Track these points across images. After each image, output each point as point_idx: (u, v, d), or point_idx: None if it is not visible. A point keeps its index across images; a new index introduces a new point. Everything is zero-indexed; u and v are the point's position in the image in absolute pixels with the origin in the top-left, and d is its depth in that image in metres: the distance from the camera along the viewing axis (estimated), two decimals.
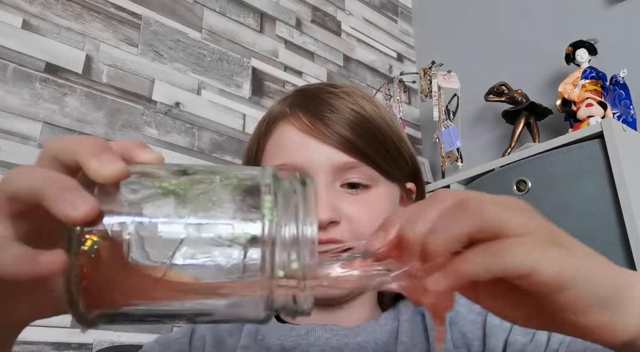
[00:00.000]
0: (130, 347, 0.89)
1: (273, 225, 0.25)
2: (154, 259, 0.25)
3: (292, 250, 0.25)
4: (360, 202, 0.52)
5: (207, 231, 0.25)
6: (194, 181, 0.27)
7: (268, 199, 0.26)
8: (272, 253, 0.25)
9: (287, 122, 0.54)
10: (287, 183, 0.27)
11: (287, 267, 0.25)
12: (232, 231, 0.25)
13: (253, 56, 1.56)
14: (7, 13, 1.15)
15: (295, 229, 0.25)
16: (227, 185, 0.27)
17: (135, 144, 0.28)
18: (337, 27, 1.85)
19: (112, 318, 0.27)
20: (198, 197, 0.26)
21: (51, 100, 1.16)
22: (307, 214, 0.26)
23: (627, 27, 1.43)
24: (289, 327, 0.54)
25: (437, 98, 1.63)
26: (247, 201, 0.26)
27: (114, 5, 1.32)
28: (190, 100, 1.39)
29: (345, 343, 0.51)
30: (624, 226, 1.02)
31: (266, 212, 0.25)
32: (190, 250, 0.25)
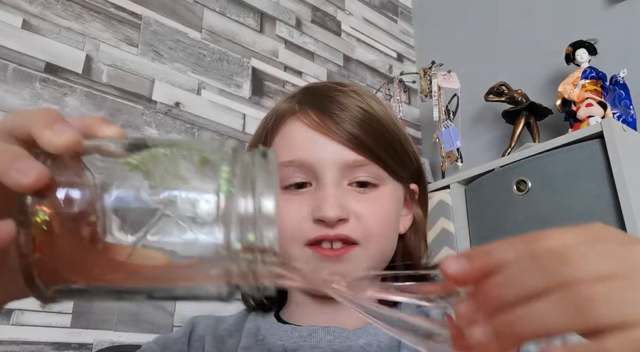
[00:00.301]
0: (130, 347, 0.89)
1: (229, 196, 0.24)
2: (110, 234, 0.25)
3: (249, 222, 0.24)
4: (368, 200, 0.52)
5: (165, 204, 0.25)
6: (152, 154, 0.26)
7: (225, 170, 0.25)
8: (228, 225, 0.24)
9: (295, 119, 0.53)
10: (248, 155, 0.27)
11: (244, 240, 0.24)
12: (188, 203, 0.25)
13: (253, 56, 1.56)
14: (7, 13, 1.15)
15: (252, 201, 0.25)
16: (186, 157, 0.26)
17: (97, 119, 0.28)
18: (337, 27, 1.85)
19: (70, 294, 0.26)
20: (155, 170, 0.25)
21: (51, 100, 1.16)
22: (266, 185, 0.25)
23: (627, 27, 1.43)
24: (290, 328, 0.54)
25: (437, 98, 1.63)
26: (205, 173, 0.25)
27: (114, 5, 1.32)
28: (190, 100, 1.39)
29: (348, 346, 0.50)
30: (624, 226, 1.02)
31: (222, 183, 0.25)
32: (147, 224, 0.25)
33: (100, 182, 0.25)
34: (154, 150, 0.26)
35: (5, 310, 0.99)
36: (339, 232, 0.49)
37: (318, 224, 0.50)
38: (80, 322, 1.06)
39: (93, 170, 0.26)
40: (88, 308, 1.08)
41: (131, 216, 0.25)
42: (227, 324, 0.58)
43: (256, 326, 0.56)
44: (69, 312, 1.06)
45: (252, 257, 0.25)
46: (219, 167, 0.25)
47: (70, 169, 0.25)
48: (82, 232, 0.24)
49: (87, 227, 0.24)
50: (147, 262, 0.25)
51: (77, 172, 0.25)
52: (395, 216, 0.55)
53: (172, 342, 0.56)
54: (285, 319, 0.57)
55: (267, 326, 0.55)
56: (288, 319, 0.56)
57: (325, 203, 0.49)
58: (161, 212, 0.25)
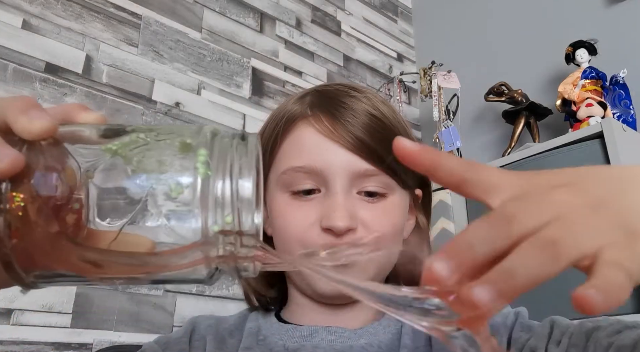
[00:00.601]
0: (130, 347, 0.89)
1: (206, 179, 0.24)
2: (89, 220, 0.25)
3: (227, 204, 0.24)
4: (376, 209, 0.52)
5: (144, 189, 0.25)
6: (131, 140, 0.26)
7: (202, 153, 0.25)
8: (205, 208, 0.24)
9: (307, 124, 0.53)
10: (227, 138, 0.26)
11: (222, 222, 0.24)
12: (167, 187, 0.24)
13: (253, 56, 1.56)
14: (7, 13, 1.15)
15: (229, 183, 0.24)
16: (164, 141, 0.26)
17: (76, 106, 0.28)
18: (337, 27, 1.85)
19: (50, 280, 0.26)
20: (134, 155, 0.25)
21: (51, 100, 1.16)
22: (244, 167, 0.25)
23: (627, 27, 1.43)
24: (291, 328, 0.54)
25: (437, 98, 1.63)
26: (183, 157, 0.25)
27: (114, 5, 1.32)
28: (190, 100, 1.39)
29: (349, 346, 0.50)
30: None
31: (199, 166, 0.25)
32: (127, 210, 0.24)
33: (79, 168, 0.25)
34: (133, 135, 0.26)
35: (5, 310, 0.99)
36: (346, 242, 0.49)
37: (326, 232, 0.49)
38: (80, 322, 1.06)
39: (71, 156, 0.26)
40: (88, 308, 1.08)
41: (110, 202, 0.25)
42: (228, 324, 0.58)
43: (257, 325, 0.56)
44: (69, 312, 1.06)
45: (230, 240, 0.24)
46: (197, 151, 0.25)
47: (47, 155, 0.25)
48: (60, 218, 0.24)
49: (65, 213, 0.24)
50: (127, 248, 0.25)
51: (55, 158, 0.25)
52: (402, 224, 0.56)
53: (173, 342, 0.56)
54: (286, 319, 0.57)
55: (268, 326, 0.55)
56: (289, 319, 0.56)
57: (334, 212, 0.49)
58: (141, 197, 0.24)
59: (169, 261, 0.25)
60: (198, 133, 0.26)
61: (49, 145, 0.25)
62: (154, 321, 1.15)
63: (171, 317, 1.18)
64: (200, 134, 0.26)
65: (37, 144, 0.25)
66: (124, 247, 0.25)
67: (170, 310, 1.18)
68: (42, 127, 0.25)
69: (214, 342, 0.55)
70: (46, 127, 0.25)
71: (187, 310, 1.20)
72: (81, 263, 0.25)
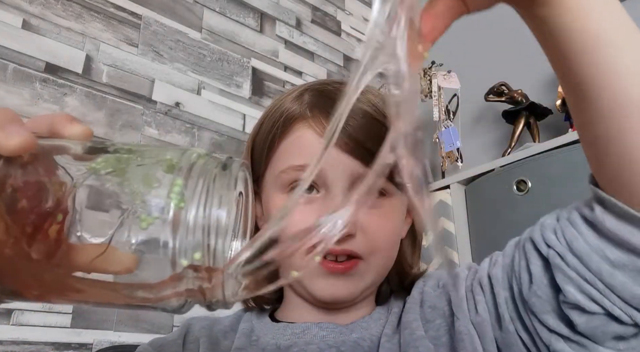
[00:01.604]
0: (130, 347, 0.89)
1: (178, 212, 0.23)
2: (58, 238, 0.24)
3: (197, 238, 0.23)
4: (376, 214, 0.51)
5: (114, 216, 0.24)
6: (109, 161, 0.25)
7: (178, 183, 0.24)
8: (174, 241, 0.23)
9: (307, 125, 0.52)
10: (210, 166, 0.25)
11: (190, 257, 0.23)
12: (139, 216, 0.24)
13: (253, 56, 1.57)
14: (7, 13, 1.15)
15: (202, 217, 0.23)
16: (142, 166, 0.25)
17: (63, 117, 0.28)
18: (337, 27, 1.85)
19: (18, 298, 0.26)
20: (109, 180, 0.25)
21: (51, 100, 1.16)
22: (221, 202, 0.24)
23: None
24: (283, 326, 0.54)
25: (437, 98, 1.63)
26: (159, 184, 0.24)
27: (114, 5, 1.32)
28: (190, 100, 1.39)
29: (342, 340, 0.51)
30: None
31: (172, 197, 0.24)
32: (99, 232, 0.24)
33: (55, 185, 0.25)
34: (116, 156, 0.26)
35: (5, 310, 0.99)
36: (345, 247, 0.49)
37: None
38: (80, 322, 1.06)
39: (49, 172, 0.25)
40: (88, 308, 1.08)
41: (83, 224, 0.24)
42: (222, 325, 0.58)
43: (250, 326, 0.56)
44: (69, 312, 1.06)
45: (199, 275, 0.24)
46: (173, 180, 0.24)
47: (24, 171, 0.24)
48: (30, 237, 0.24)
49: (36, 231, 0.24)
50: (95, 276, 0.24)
51: (31, 174, 0.25)
52: (400, 228, 0.55)
53: (167, 344, 0.56)
54: (280, 319, 0.57)
55: (262, 326, 0.55)
56: (283, 319, 0.56)
57: None
58: (113, 224, 0.24)
59: (138, 292, 0.25)
60: (179, 159, 0.25)
61: (27, 161, 0.25)
62: (154, 321, 1.15)
63: (171, 318, 1.18)
64: (181, 159, 0.25)
65: (14, 159, 0.24)
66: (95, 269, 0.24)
67: None
68: (18, 144, 0.24)
69: (207, 343, 0.55)
70: (23, 144, 0.24)
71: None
72: (46, 287, 0.24)
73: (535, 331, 0.42)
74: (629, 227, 0.36)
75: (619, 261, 0.37)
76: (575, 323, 0.39)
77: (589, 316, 0.38)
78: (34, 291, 0.25)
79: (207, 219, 0.23)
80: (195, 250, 0.23)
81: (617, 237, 0.36)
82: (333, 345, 0.50)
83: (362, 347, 0.49)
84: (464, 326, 0.46)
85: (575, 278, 0.38)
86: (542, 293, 0.41)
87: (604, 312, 0.38)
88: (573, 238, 0.39)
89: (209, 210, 0.24)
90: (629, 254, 0.36)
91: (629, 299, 0.37)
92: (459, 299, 0.48)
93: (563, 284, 0.39)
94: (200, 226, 0.23)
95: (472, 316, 0.47)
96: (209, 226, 0.23)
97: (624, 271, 0.37)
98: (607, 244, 0.37)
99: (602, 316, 0.38)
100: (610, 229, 0.37)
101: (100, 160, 0.25)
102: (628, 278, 0.37)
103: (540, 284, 0.41)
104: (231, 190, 0.25)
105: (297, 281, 0.52)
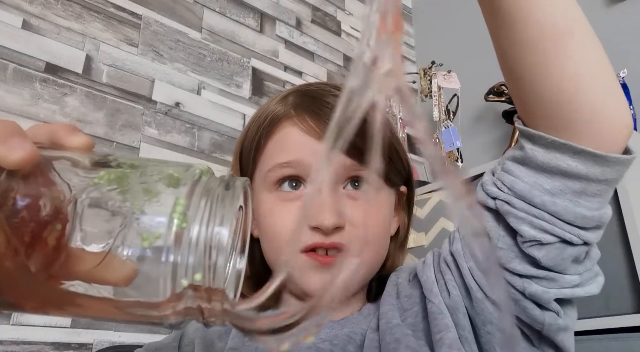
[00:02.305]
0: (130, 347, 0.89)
1: (180, 232, 0.23)
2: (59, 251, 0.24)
3: (198, 259, 0.23)
4: (363, 207, 0.52)
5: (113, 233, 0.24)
6: (111, 175, 0.25)
7: (181, 202, 0.24)
8: (176, 261, 0.23)
9: (292, 124, 0.53)
10: (213, 184, 0.25)
11: (191, 277, 0.23)
12: (140, 234, 0.24)
13: (253, 56, 1.57)
14: (7, 13, 1.15)
15: (204, 238, 0.23)
16: (145, 183, 0.25)
17: (64, 128, 0.28)
18: (337, 27, 1.85)
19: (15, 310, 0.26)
20: (111, 194, 0.25)
21: (51, 100, 1.16)
22: (224, 220, 0.24)
23: (627, 27, 1.43)
24: None
25: (437, 98, 1.63)
26: (161, 202, 0.24)
27: (114, 5, 1.32)
28: (190, 100, 1.39)
29: (334, 335, 0.51)
30: (624, 226, 1.02)
31: (175, 217, 0.24)
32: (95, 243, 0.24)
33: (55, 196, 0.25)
34: (118, 171, 0.25)
35: None
36: (334, 240, 0.49)
37: (314, 230, 0.50)
38: (80, 322, 1.06)
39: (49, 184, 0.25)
40: None
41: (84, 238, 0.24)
42: (217, 327, 0.59)
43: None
44: None
45: (199, 295, 0.24)
46: (175, 199, 0.24)
47: (25, 184, 0.24)
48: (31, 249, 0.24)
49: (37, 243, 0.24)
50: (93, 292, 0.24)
51: (33, 187, 0.25)
52: (389, 221, 0.56)
53: (163, 347, 0.57)
54: None
55: None
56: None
57: (322, 211, 0.49)
58: (112, 239, 0.24)
59: (137, 309, 0.25)
60: (182, 175, 0.25)
61: (29, 173, 0.25)
62: None
63: None
64: (184, 176, 0.25)
65: (16, 171, 0.24)
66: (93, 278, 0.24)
67: None
68: (21, 158, 0.24)
69: (202, 345, 0.56)
70: (25, 157, 0.24)
71: None
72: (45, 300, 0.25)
73: (508, 283, 0.44)
74: (557, 154, 0.40)
75: (556, 189, 0.41)
76: (537, 259, 0.42)
77: (546, 247, 0.42)
78: (32, 303, 0.25)
79: (209, 240, 0.24)
80: (196, 271, 0.23)
81: (549, 166, 0.41)
82: (326, 339, 0.51)
83: (354, 340, 0.50)
84: (437, 307, 0.48)
85: (525, 217, 0.42)
86: (503, 244, 0.44)
87: (558, 239, 0.41)
88: (512, 183, 0.43)
89: (211, 230, 0.24)
90: (562, 179, 0.41)
91: (573, 220, 0.41)
92: (429, 283, 0.50)
93: (517, 226, 0.42)
94: (202, 247, 0.23)
95: (445, 299, 0.48)
96: (210, 247, 0.23)
97: (563, 197, 0.41)
98: (542, 177, 0.42)
99: (558, 244, 0.42)
100: (542, 162, 0.41)
101: (103, 173, 0.25)
102: (568, 202, 0.41)
103: (498, 236, 0.44)
104: (234, 210, 0.25)
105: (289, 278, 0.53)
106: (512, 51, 0.41)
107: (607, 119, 0.40)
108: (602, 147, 0.39)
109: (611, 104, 0.40)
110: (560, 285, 0.43)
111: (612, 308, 1.01)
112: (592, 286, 0.45)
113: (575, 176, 0.40)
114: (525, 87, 0.41)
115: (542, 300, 0.43)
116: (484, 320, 0.46)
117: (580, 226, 0.41)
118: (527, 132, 0.43)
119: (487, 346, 0.46)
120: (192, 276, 0.23)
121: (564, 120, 0.40)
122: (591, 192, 0.41)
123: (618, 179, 0.42)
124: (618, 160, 0.40)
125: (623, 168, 0.41)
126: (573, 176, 0.41)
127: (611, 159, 0.40)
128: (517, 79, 0.42)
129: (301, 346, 0.50)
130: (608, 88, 0.40)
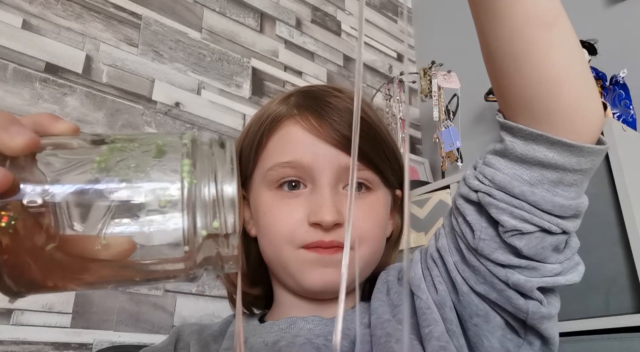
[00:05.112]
0: (130, 347, 0.89)
1: (192, 187, 0.26)
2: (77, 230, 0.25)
3: (212, 210, 0.26)
4: (362, 205, 0.53)
5: (130, 199, 0.25)
6: (113, 150, 0.27)
7: (186, 163, 0.26)
8: (193, 214, 0.26)
9: (294, 122, 0.54)
10: (207, 146, 0.28)
11: (209, 227, 0.26)
12: (153, 197, 0.26)
13: (253, 56, 1.57)
14: (7, 13, 1.15)
15: (214, 190, 0.26)
16: (147, 151, 0.27)
17: (47, 116, 0.29)
18: (337, 27, 1.85)
19: (39, 289, 0.27)
20: (118, 166, 0.26)
21: (51, 100, 1.16)
22: (226, 173, 0.27)
23: (627, 27, 1.43)
24: (269, 324, 0.55)
25: (437, 98, 1.63)
26: (167, 166, 0.27)
27: (114, 5, 1.32)
28: (190, 100, 1.39)
29: (329, 331, 0.52)
30: (624, 226, 1.02)
31: (185, 176, 0.26)
32: (115, 219, 0.25)
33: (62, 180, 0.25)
34: (114, 145, 0.27)
35: (5, 310, 0.99)
36: (333, 238, 0.50)
37: (314, 227, 0.50)
38: (80, 322, 1.06)
39: (52, 168, 0.26)
40: (88, 308, 1.08)
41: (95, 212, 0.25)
42: (212, 330, 0.60)
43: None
44: (69, 312, 1.06)
45: (217, 242, 0.26)
46: (180, 160, 0.27)
47: (27, 168, 0.25)
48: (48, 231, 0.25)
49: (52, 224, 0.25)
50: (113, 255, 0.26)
51: (35, 170, 0.25)
52: (385, 221, 0.57)
53: (159, 351, 0.57)
54: (268, 320, 0.58)
55: (250, 328, 0.57)
56: (270, 320, 0.57)
57: (322, 207, 0.50)
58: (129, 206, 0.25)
59: (158, 265, 0.27)
60: (179, 142, 0.28)
61: (31, 158, 0.26)
62: (154, 321, 1.16)
63: (171, 318, 1.18)
64: (180, 142, 0.28)
65: (19, 158, 0.25)
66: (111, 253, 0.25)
67: (170, 310, 1.18)
68: (24, 143, 0.25)
69: (197, 346, 0.56)
70: (29, 142, 0.25)
71: (187, 310, 1.21)
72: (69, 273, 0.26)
73: (492, 274, 0.45)
74: (534, 145, 0.42)
75: (534, 179, 0.43)
76: (519, 248, 0.43)
77: (527, 237, 0.43)
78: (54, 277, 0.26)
79: (220, 192, 0.26)
80: (214, 220, 0.26)
81: (527, 157, 0.43)
82: (321, 335, 0.51)
83: (348, 336, 0.50)
84: (425, 302, 0.49)
85: (505, 207, 0.43)
86: (486, 235, 0.45)
87: (538, 228, 0.43)
88: (493, 175, 0.44)
89: (219, 184, 0.26)
90: (540, 170, 0.43)
91: (552, 209, 0.43)
92: (417, 280, 0.50)
93: (498, 216, 0.44)
94: (214, 198, 0.26)
95: (432, 295, 0.49)
96: (222, 197, 0.26)
97: (541, 187, 0.43)
98: (521, 168, 0.43)
99: (537, 233, 0.43)
100: (521, 153, 0.43)
101: (105, 149, 0.27)
102: (546, 191, 0.43)
103: (481, 227, 0.46)
104: (233, 163, 0.27)
105: (289, 274, 0.53)
106: (496, 42, 0.42)
107: (583, 108, 0.42)
108: (577, 138, 0.41)
109: (587, 94, 0.42)
110: (542, 274, 0.45)
111: (612, 308, 1.01)
112: (573, 274, 0.46)
113: (552, 166, 0.42)
114: (508, 79, 0.43)
115: (525, 289, 0.44)
116: (471, 313, 0.47)
117: (559, 214, 0.43)
118: (507, 125, 0.46)
119: (475, 338, 0.48)
120: (211, 225, 0.26)
121: (543, 111, 0.42)
122: (568, 182, 0.43)
123: (593, 169, 0.44)
124: (592, 151, 0.42)
125: (597, 158, 0.43)
126: (550, 166, 0.42)
127: (586, 149, 0.42)
128: (500, 70, 0.44)
129: (296, 341, 0.50)
130: (585, 79, 0.42)
